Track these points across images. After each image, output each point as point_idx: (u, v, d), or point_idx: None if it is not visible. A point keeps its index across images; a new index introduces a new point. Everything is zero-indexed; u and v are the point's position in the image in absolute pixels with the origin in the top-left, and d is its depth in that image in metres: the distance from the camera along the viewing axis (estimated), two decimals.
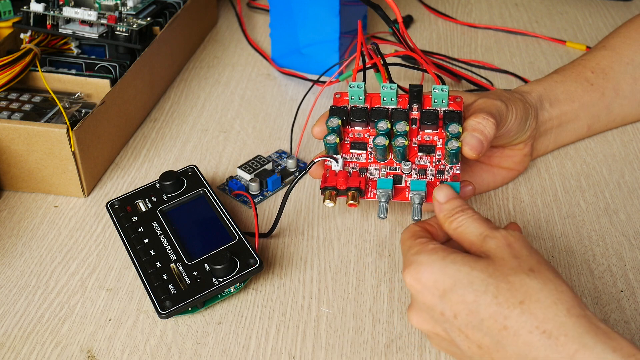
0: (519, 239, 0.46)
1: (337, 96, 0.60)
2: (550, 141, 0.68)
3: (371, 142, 0.57)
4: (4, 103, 0.69)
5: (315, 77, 0.82)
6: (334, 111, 0.58)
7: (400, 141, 0.55)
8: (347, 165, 0.57)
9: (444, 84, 0.59)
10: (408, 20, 0.95)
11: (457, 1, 1.01)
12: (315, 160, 0.57)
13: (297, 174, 0.68)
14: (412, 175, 0.55)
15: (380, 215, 0.54)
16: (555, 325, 0.41)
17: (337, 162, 0.56)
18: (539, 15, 0.96)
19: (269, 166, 0.67)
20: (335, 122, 0.57)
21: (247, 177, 0.66)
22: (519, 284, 0.42)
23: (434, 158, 0.56)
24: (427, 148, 0.56)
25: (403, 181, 0.55)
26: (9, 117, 0.67)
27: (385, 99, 0.58)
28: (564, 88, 0.66)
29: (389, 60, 0.61)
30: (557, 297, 0.42)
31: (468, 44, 0.90)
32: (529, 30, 0.92)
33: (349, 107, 0.59)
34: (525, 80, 0.81)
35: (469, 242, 0.47)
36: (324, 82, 0.73)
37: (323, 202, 0.55)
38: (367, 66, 0.61)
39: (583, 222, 0.61)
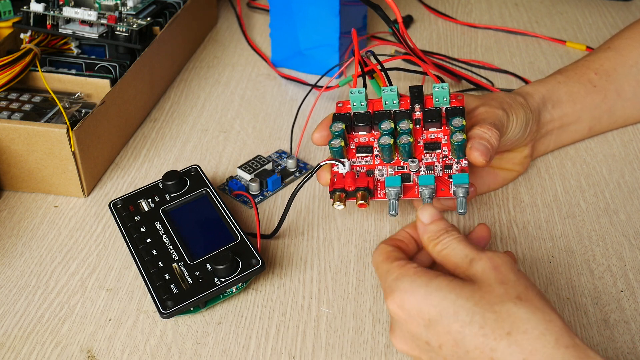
0: (506, 261, 0.44)
1: (340, 105, 0.60)
2: (551, 142, 0.67)
3: (376, 145, 0.57)
4: (4, 103, 0.69)
5: (315, 77, 0.82)
6: (336, 118, 0.58)
7: (405, 139, 0.55)
8: (354, 168, 0.57)
9: (442, 82, 0.59)
10: (408, 20, 0.95)
11: (457, 1, 1.01)
12: (321, 164, 0.57)
13: (298, 174, 0.68)
14: (420, 173, 0.55)
15: (391, 212, 0.53)
16: (542, 357, 0.40)
17: (344, 165, 0.56)
18: (539, 15, 0.96)
19: (269, 166, 0.67)
20: (339, 126, 0.57)
21: (247, 177, 0.66)
22: (506, 314, 0.41)
23: (441, 154, 0.56)
24: (432, 145, 0.56)
25: (411, 179, 0.55)
26: (9, 117, 0.67)
27: (387, 102, 0.58)
28: (567, 89, 0.66)
29: (388, 65, 0.61)
30: (545, 327, 0.41)
31: (468, 44, 0.90)
32: (529, 30, 0.92)
33: (352, 114, 0.58)
34: (525, 80, 0.81)
35: (454, 265, 0.46)
36: (322, 87, 0.73)
37: (333, 205, 0.54)
38: (365, 72, 0.61)
39: (583, 222, 0.61)
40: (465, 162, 0.55)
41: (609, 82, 0.68)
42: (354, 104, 0.58)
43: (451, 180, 0.54)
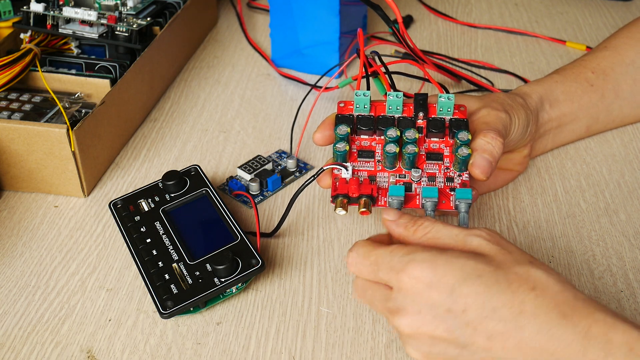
0: (502, 237, 0.47)
1: (341, 105, 0.59)
2: (549, 142, 0.67)
3: (378, 150, 0.57)
4: (4, 103, 0.69)
5: (315, 77, 0.82)
6: (340, 119, 0.58)
7: (410, 148, 0.54)
8: (356, 173, 0.56)
9: (447, 92, 0.59)
10: (408, 20, 0.95)
11: (457, 1, 1.01)
12: (324, 168, 0.56)
13: (298, 174, 0.68)
14: (422, 183, 0.55)
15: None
16: (568, 307, 0.42)
17: (347, 169, 0.56)
18: (539, 15, 0.96)
19: (269, 166, 0.67)
20: (344, 129, 0.56)
21: (247, 177, 0.66)
22: (526, 274, 0.43)
23: (442, 166, 0.56)
24: (435, 156, 0.56)
25: (413, 189, 0.55)
26: (9, 117, 0.67)
27: (390, 107, 0.58)
28: (563, 88, 0.66)
29: (390, 68, 0.61)
30: (562, 284, 0.43)
31: (468, 44, 0.90)
32: (529, 30, 0.92)
33: (354, 116, 0.58)
34: (525, 81, 0.81)
35: (444, 245, 0.46)
36: (321, 87, 0.73)
37: (334, 210, 0.54)
38: (368, 73, 0.60)
39: (583, 222, 0.61)
40: (467, 175, 0.55)
41: (606, 81, 0.68)
42: (357, 106, 0.58)
43: (452, 193, 0.54)
